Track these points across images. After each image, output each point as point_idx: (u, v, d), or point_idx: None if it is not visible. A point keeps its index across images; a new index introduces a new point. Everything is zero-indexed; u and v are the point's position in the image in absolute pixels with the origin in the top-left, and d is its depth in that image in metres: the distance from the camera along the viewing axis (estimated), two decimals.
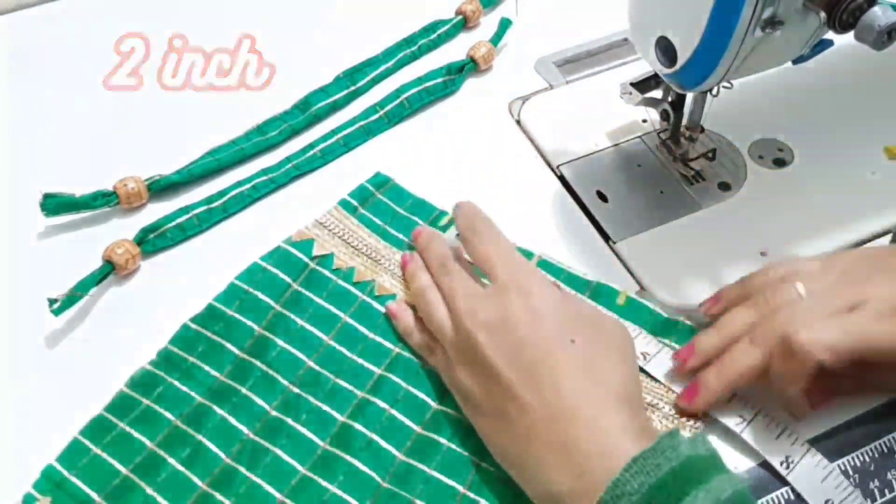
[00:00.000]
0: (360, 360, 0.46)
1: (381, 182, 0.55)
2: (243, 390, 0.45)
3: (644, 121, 0.59)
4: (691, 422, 0.43)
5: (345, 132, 0.59)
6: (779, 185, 0.55)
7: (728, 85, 0.50)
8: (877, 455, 0.43)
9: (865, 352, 0.40)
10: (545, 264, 0.51)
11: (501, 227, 0.52)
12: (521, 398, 0.39)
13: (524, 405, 0.39)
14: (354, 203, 0.53)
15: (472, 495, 0.42)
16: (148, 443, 0.43)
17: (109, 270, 0.50)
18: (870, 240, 0.52)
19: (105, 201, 0.54)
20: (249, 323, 0.47)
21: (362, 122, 0.60)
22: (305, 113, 0.60)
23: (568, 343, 0.40)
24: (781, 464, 0.41)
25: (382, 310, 0.48)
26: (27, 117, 0.62)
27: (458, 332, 0.43)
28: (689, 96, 0.53)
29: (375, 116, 0.60)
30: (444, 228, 0.52)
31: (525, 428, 0.39)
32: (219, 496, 0.41)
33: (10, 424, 0.45)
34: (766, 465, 0.42)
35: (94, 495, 0.41)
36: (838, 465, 0.42)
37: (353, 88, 0.62)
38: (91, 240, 0.52)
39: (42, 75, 0.65)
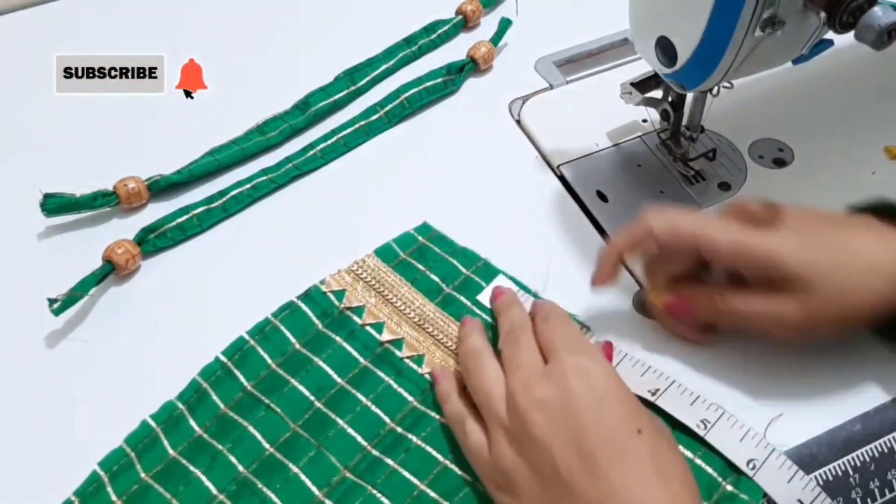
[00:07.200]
0: (375, 409, 0.45)
1: (426, 231, 0.53)
2: (246, 425, 0.44)
3: (644, 121, 0.59)
4: None
5: (345, 132, 0.59)
6: (779, 185, 0.55)
7: (728, 85, 0.50)
8: (877, 455, 0.43)
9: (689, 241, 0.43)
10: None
11: (501, 227, 0.53)
12: (577, 488, 0.36)
13: (580, 496, 0.36)
14: (397, 249, 0.52)
15: None
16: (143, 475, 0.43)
17: (109, 270, 0.50)
18: None
19: (105, 201, 0.54)
20: (266, 357, 0.46)
21: (362, 122, 0.60)
22: (305, 113, 0.60)
23: (634, 433, 0.37)
24: (748, 464, 0.41)
25: (418, 369, 0.46)
26: (27, 117, 0.62)
27: (511, 408, 0.39)
28: (689, 96, 0.53)
29: (375, 116, 0.60)
30: (483, 271, 0.51)
31: None
32: None
33: (10, 424, 0.45)
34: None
35: None
36: (838, 465, 0.42)
37: (353, 88, 0.62)
38: (91, 240, 0.52)
39: (42, 75, 0.64)
